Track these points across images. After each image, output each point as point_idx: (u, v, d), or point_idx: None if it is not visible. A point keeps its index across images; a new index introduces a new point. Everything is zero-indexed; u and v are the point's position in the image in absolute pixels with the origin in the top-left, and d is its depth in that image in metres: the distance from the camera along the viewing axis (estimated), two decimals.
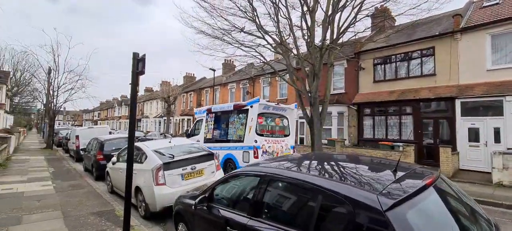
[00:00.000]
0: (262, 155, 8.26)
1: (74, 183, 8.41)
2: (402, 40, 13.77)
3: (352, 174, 2.47)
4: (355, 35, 12.24)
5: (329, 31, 11.41)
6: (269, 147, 8.71)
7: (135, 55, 3.32)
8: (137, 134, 23.62)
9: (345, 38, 12.26)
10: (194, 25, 12.95)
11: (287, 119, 10.37)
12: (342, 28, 11.35)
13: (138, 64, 3.32)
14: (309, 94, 12.61)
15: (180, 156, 5.61)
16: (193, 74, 41.17)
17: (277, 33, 12.82)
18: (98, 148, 9.72)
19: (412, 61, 13.63)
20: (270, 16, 12.85)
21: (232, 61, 32.96)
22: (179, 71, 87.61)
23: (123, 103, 57.41)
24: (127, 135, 11.52)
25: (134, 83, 3.35)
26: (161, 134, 23.14)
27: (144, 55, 3.31)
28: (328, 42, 11.23)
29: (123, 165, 6.61)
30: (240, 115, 9.29)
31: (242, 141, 8.61)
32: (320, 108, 12.41)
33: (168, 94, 27.68)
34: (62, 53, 45.39)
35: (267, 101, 10.50)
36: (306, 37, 12.28)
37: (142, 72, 3.35)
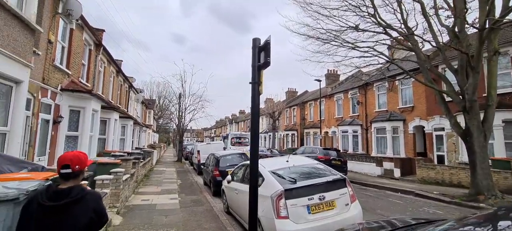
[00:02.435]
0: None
1: (195, 198, 8.68)
2: None
3: None
4: None
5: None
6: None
7: (255, 42, 2.41)
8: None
9: None
10: (301, 32, 12.05)
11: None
12: None
13: (260, 54, 2.40)
14: (460, 97, 9.21)
15: (304, 181, 4.41)
16: (295, 89, 40.88)
17: (402, 23, 10.22)
18: (214, 164, 9.95)
19: None
20: (390, 5, 10.43)
21: (336, 71, 30.58)
22: (281, 87, 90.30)
23: (233, 121, 63.76)
24: (238, 152, 11.54)
25: (256, 82, 2.43)
26: (268, 149, 23.28)
27: (268, 41, 2.35)
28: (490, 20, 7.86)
29: (238, 186, 6.06)
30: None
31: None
32: (482, 116, 8.80)
33: (273, 110, 28.00)
34: (187, 80, 55.32)
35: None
36: (451, 20, 9.15)
37: (266, 64, 2.41)
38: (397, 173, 14.38)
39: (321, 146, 20.12)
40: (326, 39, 11.08)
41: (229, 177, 6.74)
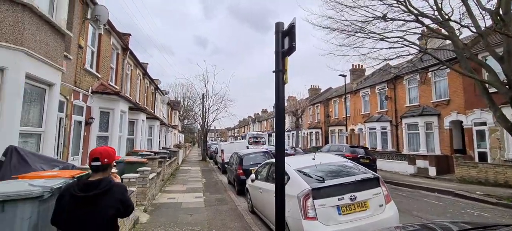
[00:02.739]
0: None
1: (219, 197, 8.67)
2: None
3: None
4: None
5: None
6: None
7: (278, 26, 2.21)
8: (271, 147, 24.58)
9: None
10: (324, 25, 11.56)
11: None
12: None
13: (284, 39, 2.19)
14: (507, 86, 8.30)
15: (333, 180, 4.13)
16: (318, 86, 39.84)
17: (435, 9, 9.43)
18: (238, 163, 9.89)
19: None
20: None
21: (361, 66, 29.37)
22: (303, 85, 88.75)
23: (256, 120, 63.88)
24: (263, 150, 11.37)
25: (280, 70, 2.22)
26: (292, 148, 22.90)
27: (293, 24, 2.13)
28: None
29: (262, 184, 5.89)
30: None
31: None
32: None
33: (296, 108, 27.50)
34: (210, 80, 56.31)
35: None
36: (493, 2, 8.28)
37: (291, 50, 2.20)
38: (432, 171, 13.37)
39: (347, 144, 19.36)
40: (351, 31, 10.52)
41: (253, 176, 6.60)
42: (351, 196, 3.89)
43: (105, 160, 2.00)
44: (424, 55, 11.52)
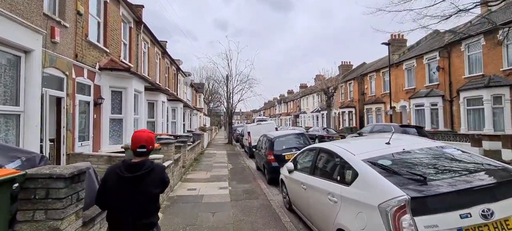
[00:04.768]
0: None
1: (247, 187, 7.30)
2: None
3: None
4: None
5: None
6: None
7: None
8: (302, 129, 22.45)
9: None
10: None
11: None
12: None
13: None
14: None
15: (443, 180, 2.42)
16: (349, 62, 36.57)
17: None
18: (268, 147, 8.39)
19: None
20: None
21: (401, 36, 25.94)
22: (333, 62, 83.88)
23: (282, 102, 61.88)
24: (298, 132, 9.71)
25: None
26: (324, 129, 20.96)
27: None
28: None
29: (306, 178, 4.27)
30: None
31: None
32: None
33: (327, 85, 25.15)
34: (233, 58, 54.62)
35: None
36: None
37: None
38: (507, 154, 10.84)
39: (392, 122, 16.98)
40: None
41: (290, 165, 5.03)
42: (483, 210, 2.17)
43: (150, 146, 2.10)
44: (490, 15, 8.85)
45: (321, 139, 17.99)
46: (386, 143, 3.32)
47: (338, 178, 3.22)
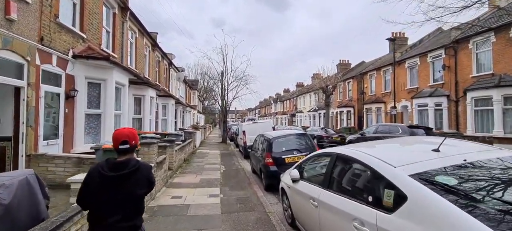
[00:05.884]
0: None
1: (242, 195, 6.35)
2: None
3: None
4: None
5: None
6: None
7: None
8: (308, 129, 21.49)
9: None
10: None
11: None
12: None
13: None
14: None
15: None
16: (347, 60, 35.94)
17: None
18: (265, 148, 7.45)
19: None
20: None
21: (403, 34, 25.36)
22: (331, 60, 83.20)
23: (277, 100, 61.01)
24: (299, 132, 8.77)
25: None
26: (322, 129, 20.10)
27: None
28: None
29: (319, 193, 3.29)
30: None
31: None
32: None
33: (326, 84, 24.31)
34: (228, 53, 53.34)
35: None
36: None
37: None
38: None
39: (397, 123, 16.19)
40: None
41: (294, 173, 4.09)
42: None
43: (133, 142, 1.98)
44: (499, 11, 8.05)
45: (320, 139, 17.12)
46: (434, 150, 2.41)
47: (370, 198, 2.30)
